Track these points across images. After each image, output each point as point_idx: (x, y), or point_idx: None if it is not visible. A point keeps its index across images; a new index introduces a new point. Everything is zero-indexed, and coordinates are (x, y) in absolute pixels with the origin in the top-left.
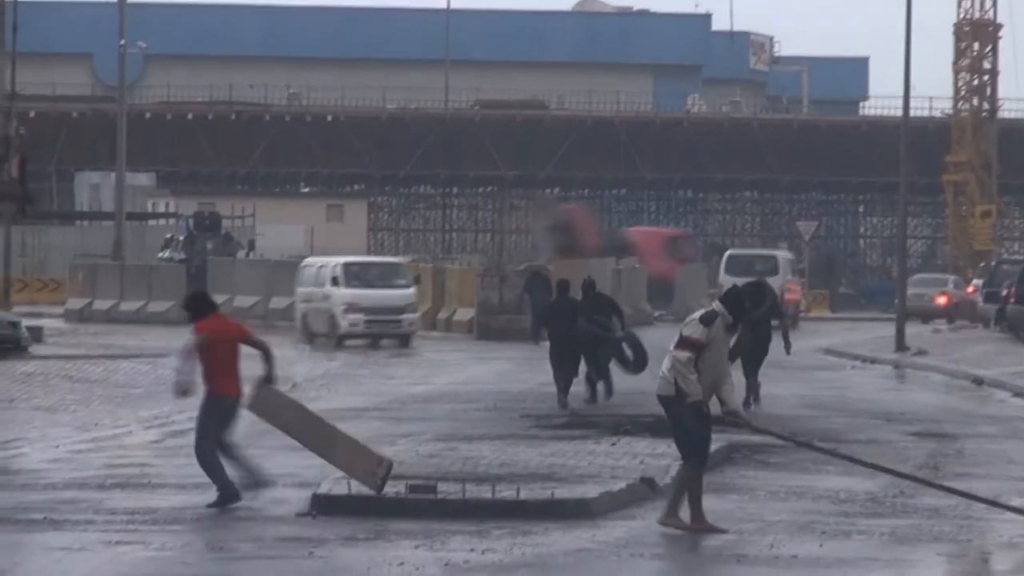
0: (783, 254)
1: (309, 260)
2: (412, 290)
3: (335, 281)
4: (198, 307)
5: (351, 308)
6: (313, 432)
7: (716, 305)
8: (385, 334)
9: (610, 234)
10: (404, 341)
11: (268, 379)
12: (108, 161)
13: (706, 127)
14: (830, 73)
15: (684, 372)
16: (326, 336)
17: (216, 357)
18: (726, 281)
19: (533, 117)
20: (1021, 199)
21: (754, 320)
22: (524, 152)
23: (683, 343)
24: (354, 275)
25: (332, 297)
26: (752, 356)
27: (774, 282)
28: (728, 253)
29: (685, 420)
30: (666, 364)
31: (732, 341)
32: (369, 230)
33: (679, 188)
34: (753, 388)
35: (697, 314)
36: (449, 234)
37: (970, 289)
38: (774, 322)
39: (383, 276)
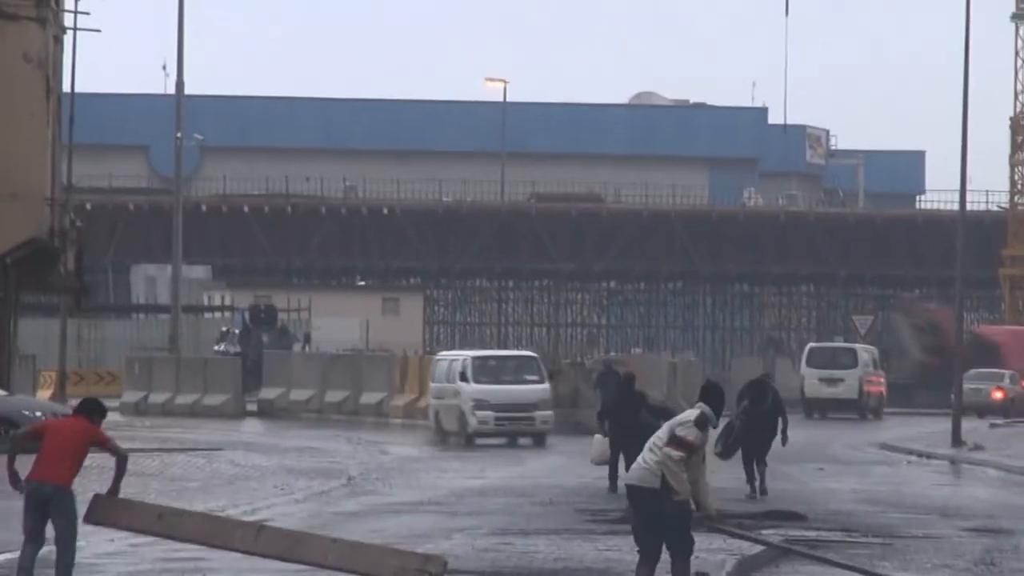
0: (863, 347)
1: (442, 354)
2: (545, 385)
3: (464, 376)
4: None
5: (480, 405)
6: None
7: (704, 408)
8: (517, 432)
9: (974, 334)
10: (539, 439)
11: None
12: (164, 254)
13: (762, 220)
14: (886, 166)
15: (676, 471)
16: (457, 435)
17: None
18: (808, 374)
19: (589, 210)
20: None
21: (757, 415)
22: (580, 245)
23: (678, 443)
24: (484, 369)
25: (462, 393)
26: (758, 448)
27: (852, 375)
28: (809, 346)
29: (670, 516)
30: (651, 457)
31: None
32: (425, 323)
33: (735, 281)
34: (758, 478)
35: (691, 415)
36: (504, 327)
37: None
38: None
39: (515, 370)
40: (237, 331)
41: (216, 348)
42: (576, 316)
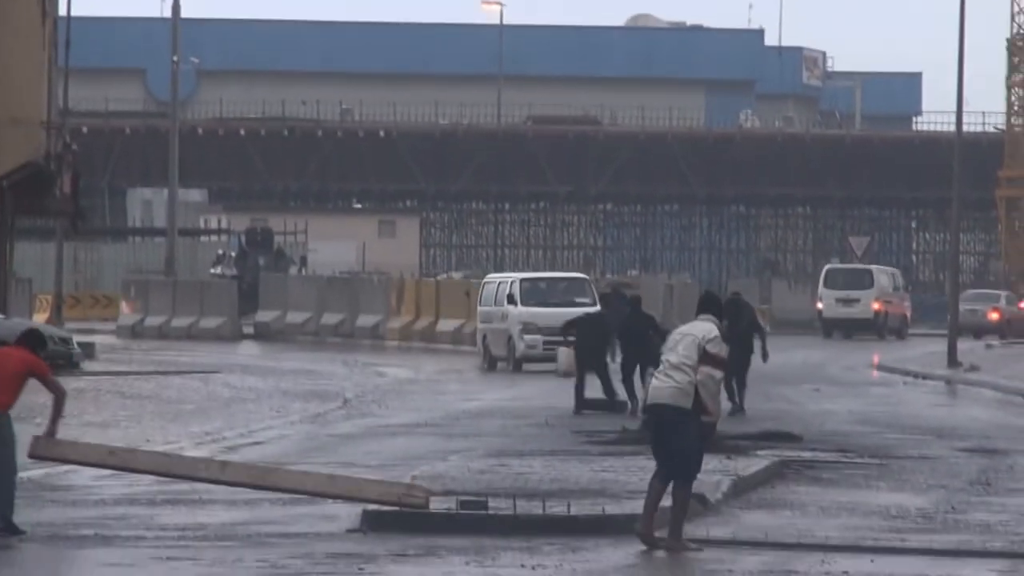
0: (881, 268)
1: (490, 277)
2: (597, 308)
3: (511, 299)
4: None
5: (529, 328)
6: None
7: (715, 320)
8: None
9: None
10: None
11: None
12: (160, 177)
13: (759, 143)
14: (883, 88)
15: (716, 391)
16: (506, 360)
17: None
18: (825, 295)
19: (586, 133)
20: None
21: (734, 335)
22: (576, 168)
23: (715, 361)
24: (533, 292)
25: (509, 317)
26: (736, 368)
27: (868, 295)
28: (827, 267)
29: (690, 437)
30: (683, 377)
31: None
32: (421, 246)
33: (731, 204)
34: (741, 397)
35: (713, 330)
36: (501, 250)
37: (1023, 304)
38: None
39: (564, 292)
40: (233, 254)
41: (212, 271)
42: (572, 238)
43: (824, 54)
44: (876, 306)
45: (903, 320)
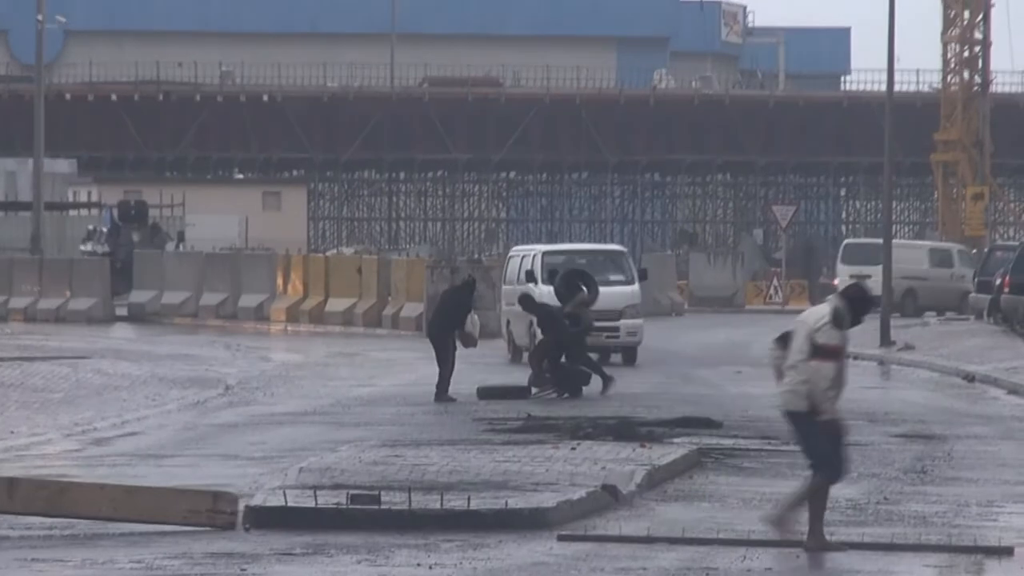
0: (906, 243)
1: (516, 249)
2: (634, 287)
3: (531, 276)
4: None
5: None
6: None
7: (839, 303)
8: (596, 346)
9: None
10: (628, 356)
11: None
12: (25, 147)
13: (674, 105)
14: (809, 45)
15: (824, 388)
16: (528, 350)
17: None
18: (842, 271)
19: (487, 96)
20: (1016, 180)
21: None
22: (477, 134)
23: (823, 352)
24: (557, 267)
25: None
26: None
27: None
28: (845, 242)
29: (816, 437)
30: (795, 377)
31: None
32: (309, 219)
33: (645, 171)
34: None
35: (825, 314)
36: (396, 223)
37: None
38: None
39: (597, 268)
40: (105, 230)
41: (82, 248)
42: (473, 210)
43: (744, 8)
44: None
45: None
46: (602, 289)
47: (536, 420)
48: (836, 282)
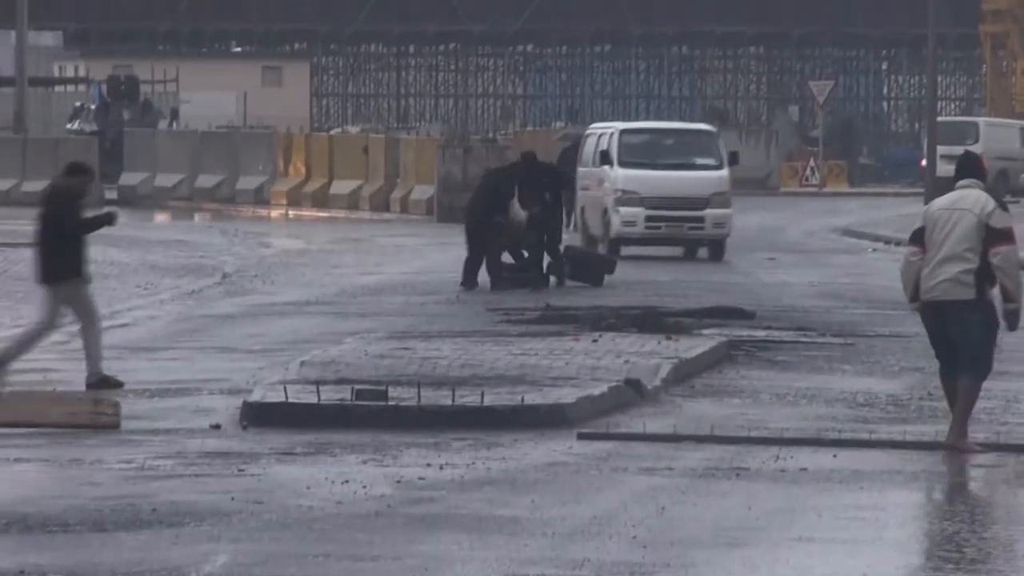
0: (990, 121)
1: (593, 127)
2: (723, 172)
3: (606, 158)
4: None
5: (626, 198)
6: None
7: (981, 184)
8: (678, 238)
9: None
10: (715, 250)
11: None
12: (6, 18)
13: None
14: None
15: (1016, 272)
16: (602, 240)
17: None
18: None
19: None
20: None
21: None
22: (492, 4)
23: (1005, 236)
24: (635, 148)
25: (605, 182)
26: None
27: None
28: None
29: (980, 328)
30: (959, 266)
31: None
32: (312, 96)
33: (672, 44)
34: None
35: (986, 200)
36: (405, 100)
37: None
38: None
39: (680, 150)
40: (93, 107)
41: (69, 127)
42: (488, 86)
43: None
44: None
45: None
46: (686, 174)
47: (555, 311)
48: (924, 163)
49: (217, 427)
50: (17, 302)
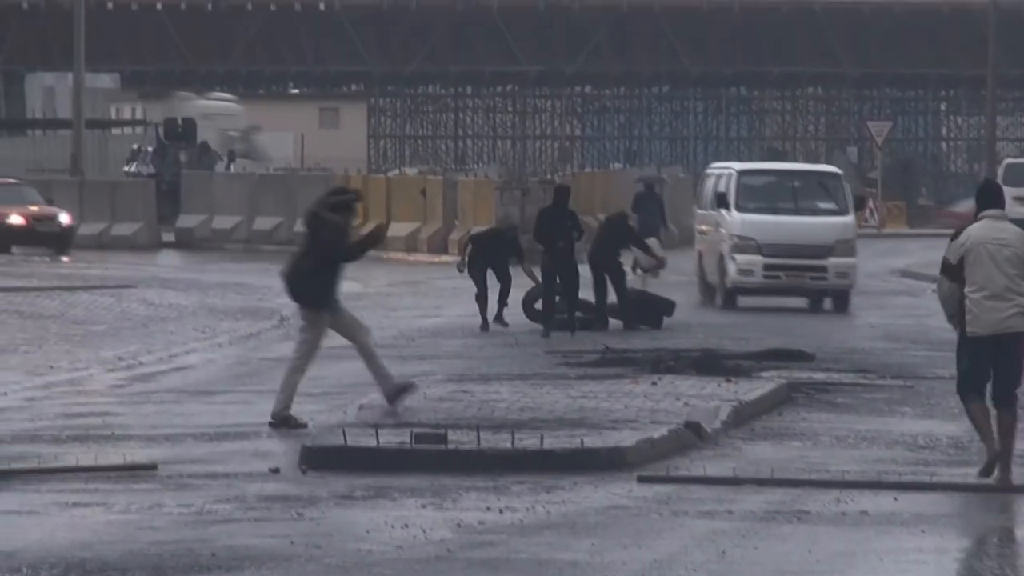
0: None
1: (712, 167)
2: (848, 219)
3: (723, 201)
4: None
5: (743, 245)
6: None
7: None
8: (799, 288)
9: None
10: (840, 302)
11: None
12: (64, 60)
13: (761, 13)
14: None
15: None
16: (719, 289)
17: None
18: (1009, 193)
19: (560, 2)
20: None
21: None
22: (549, 44)
23: None
24: (754, 191)
25: (721, 227)
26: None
27: None
28: (1006, 162)
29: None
30: (1019, 299)
31: None
32: (369, 137)
33: (730, 84)
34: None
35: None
36: (463, 141)
37: None
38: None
39: (802, 194)
40: (150, 149)
41: (126, 169)
42: (545, 127)
43: None
44: None
45: None
46: (808, 220)
47: (614, 353)
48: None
49: (276, 471)
50: (75, 345)
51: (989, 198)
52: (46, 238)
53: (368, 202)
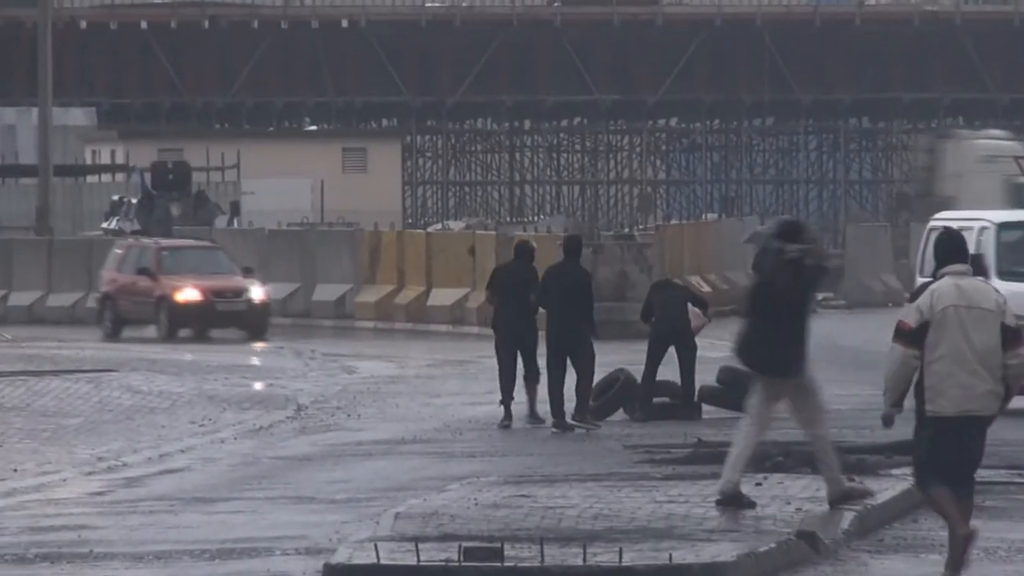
0: None
1: (940, 217)
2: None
3: (978, 265)
4: None
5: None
6: None
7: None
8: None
9: None
10: None
11: None
12: (27, 91)
13: (887, 26)
14: None
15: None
16: None
17: None
18: None
19: (639, 17)
20: None
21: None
22: (626, 68)
23: (1018, 337)
24: (1016, 252)
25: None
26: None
27: None
28: None
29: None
30: (993, 376)
31: None
32: (404, 183)
33: (850, 115)
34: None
35: (995, 294)
36: (519, 187)
37: None
38: None
39: None
40: (135, 201)
41: (104, 226)
42: (622, 169)
43: None
44: None
45: None
46: None
47: (708, 447)
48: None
49: None
50: (43, 443)
51: (949, 252)
52: None
53: (404, 264)
